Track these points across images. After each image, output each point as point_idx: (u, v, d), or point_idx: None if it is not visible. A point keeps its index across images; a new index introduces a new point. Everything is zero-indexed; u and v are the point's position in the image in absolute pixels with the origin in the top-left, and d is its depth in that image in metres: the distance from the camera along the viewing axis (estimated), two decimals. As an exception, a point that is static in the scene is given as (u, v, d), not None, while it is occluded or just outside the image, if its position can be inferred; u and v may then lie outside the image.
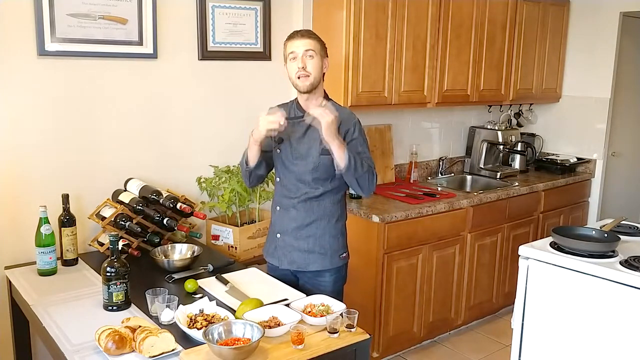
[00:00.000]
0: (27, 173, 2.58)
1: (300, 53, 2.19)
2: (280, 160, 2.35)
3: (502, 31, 3.99)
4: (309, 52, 2.20)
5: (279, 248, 2.40)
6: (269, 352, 1.75)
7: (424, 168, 4.17)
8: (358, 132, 2.29)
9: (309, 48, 2.20)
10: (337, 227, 2.37)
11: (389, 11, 3.29)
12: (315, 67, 2.21)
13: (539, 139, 4.73)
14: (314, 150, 2.26)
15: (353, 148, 2.22)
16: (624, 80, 4.46)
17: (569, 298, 2.34)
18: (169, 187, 2.89)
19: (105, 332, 1.76)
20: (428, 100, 3.63)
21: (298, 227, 2.33)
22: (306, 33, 2.24)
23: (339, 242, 2.39)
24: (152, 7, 2.79)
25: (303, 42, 2.20)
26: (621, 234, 2.56)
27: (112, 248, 2.03)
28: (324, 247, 2.34)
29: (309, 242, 2.33)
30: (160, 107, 2.93)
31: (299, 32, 2.24)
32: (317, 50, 2.22)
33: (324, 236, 2.34)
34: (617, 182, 4.67)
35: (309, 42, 2.21)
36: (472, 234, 3.62)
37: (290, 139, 2.31)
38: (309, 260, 2.34)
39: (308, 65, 2.20)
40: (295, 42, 2.22)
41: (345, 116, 2.28)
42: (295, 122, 2.28)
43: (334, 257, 2.36)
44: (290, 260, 2.37)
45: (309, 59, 2.20)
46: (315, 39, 2.23)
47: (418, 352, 3.53)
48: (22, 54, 2.50)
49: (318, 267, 2.34)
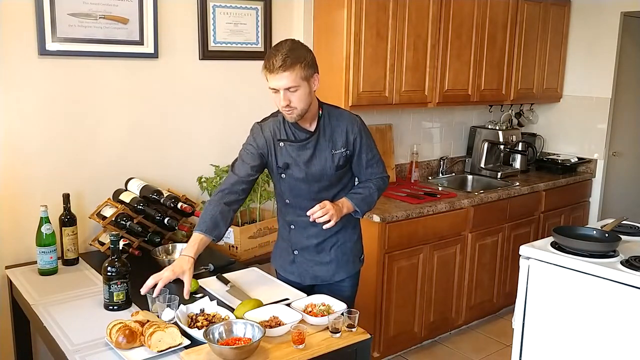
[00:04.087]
0: (27, 173, 2.59)
1: (282, 90, 1.98)
2: (288, 185, 2.21)
3: (503, 31, 3.99)
4: (290, 88, 1.97)
5: (298, 264, 2.32)
6: (269, 351, 1.75)
7: (425, 168, 4.17)
8: (364, 137, 2.21)
9: (290, 85, 1.96)
10: (355, 232, 2.35)
11: (390, 11, 3.29)
12: (300, 99, 2.00)
13: (539, 138, 4.73)
14: (328, 169, 2.17)
15: (362, 157, 2.22)
16: (624, 80, 4.45)
17: (570, 298, 2.33)
18: (170, 187, 2.89)
19: (116, 327, 1.78)
20: (429, 100, 3.63)
21: (319, 243, 2.27)
22: (283, 65, 1.93)
23: (359, 245, 2.37)
24: (153, 7, 2.79)
25: (282, 78, 1.95)
26: (622, 234, 2.56)
27: (113, 248, 2.03)
28: (346, 254, 2.30)
29: (332, 253, 2.28)
30: (161, 106, 2.93)
31: (276, 64, 1.93)
32: (301, 79, 1.97)
33: (346, 243, 2.30)
34: (618, 182, 4.67)
35: (288, 76, 1.94)
36: (472, 234, 3.62)
37: (299, 163, 2.16)
38: (332, 271, 2.29)
39: (292, 101, 2.00)
40: (274, 78, 1.96)
41: (348, 122, 2.18)
42: (299, 145, 2.15)
43: (355, 262, 2.34)
44: (313, 276, 2.30)
45: (292, 94, 1.99)
46: (295, 67, 1.95)
47: (419, 352, 3.53)
48: (23, 54, 2.50)
49: (342, 276, 2.30)
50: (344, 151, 2.18)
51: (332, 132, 2.17)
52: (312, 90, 2.06)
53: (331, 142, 2.17)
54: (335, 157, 2.17)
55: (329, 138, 2.17)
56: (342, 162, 2.19)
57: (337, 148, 2.17)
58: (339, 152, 2.18)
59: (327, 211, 2.06)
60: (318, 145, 2.16)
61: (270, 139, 2.17)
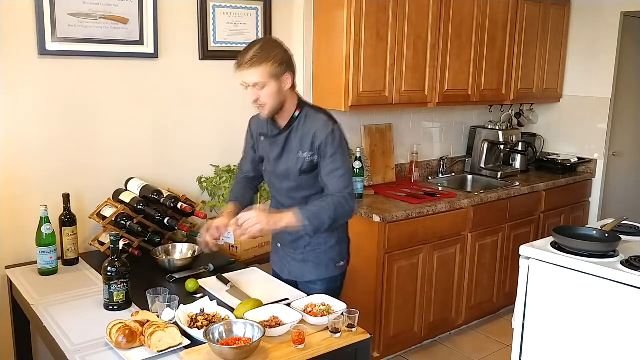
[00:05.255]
0: (28, 173, 2.59)
1: (250, 85, 2.03)
2: (267, 177, 2.33)
3: (503, 31, 3.99)
4: (258, 84, 2.01)
5: (281, 257, 2.39)
6: (269, 351, 1.75)
7: (425, 168, 4.17)
8: (331, 146, 2.09)
9: (257, 81, 2.00)
10: (332, 237, 2.27)
11: (390, 11, 3.29)
12: (269, 96, 2.04)
13: (539, 138, 4.73)
14: (293, 171, 2.17)
15: (323, 166, 2.11)
16: (624, 80, 4.45)
17: (570, 298, 2.33)
18: (170, 187, 2.89)
19: (116, 327, 1.78)
20: (429, 100, 3.63)
21: (294, 240, 2.28)
22: (250, 60, 1.99)
23: (336, 250, 2.30)
24: (153, 7, 2.79)
25: (249, 73, 2.00)
26: (622, 234, 2.56)
27: (112, 248, 2.03)
28: (318, 256, 2.28)
29: (305, 253, 2.28)
30: (161, 106, 2.93)
31: (244, 59, 2.00)
32: (268, 76, 2.00)
33: (320, 247, 2.27)
34: (618, 182, 4.67)
35: (255, 72, 1.99)
36: (472, 234, 3.62)
37: (270, 158, 2.23)
38: (304, 270, 2.30)
39: (261, 97, 2.04)
40: (241, 73, 2.02)
41: (319, 127, 2.11)
42: (271, 140, 2.21)
43: (330, 266, 2.29)
44: (289, 271, 2.35)
45: (260, 90, 2.03)
46: (263, 64, 1.99)
47: (419, 351, 3.53)
48: (23, 54, 2.50)
49: (312, 277, 2.29)
50: (310, 156, 2.13)
51: (303, 135, 2.14)
52: (283, 89, 2.07)
53: (300, 144, 2.14)
54: (299, 160, 2.15)
55: (299, 140, 2.14)
56: (306, 167, 2.14)
57: (304, 151, 2.13)
58: (304, 155, 2.13)
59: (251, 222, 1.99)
60: (288, 144, 2.17)
61: (255, 131, 2.33)
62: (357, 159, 3.42)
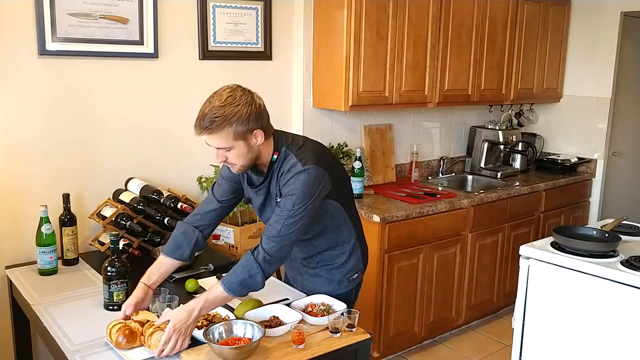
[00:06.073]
0: (27, 172, 2.59)
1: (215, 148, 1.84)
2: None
3: (503, 31, 3.98)
4: (221, 150, 1.82)
5: (293, 268, 2.29)
6: (269, 351, 1.75)
7: (425, 168, 4.17)
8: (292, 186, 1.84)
9: (220, 147, 1.81)
10: (344, 250, 2.12)
11: (390, 11, 3.29)
12: (237, 157, 1.83)
13: (539, 138, 4.73)
14: None
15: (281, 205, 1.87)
16: (624, 80, 4.45)
17: (570, 298, 2.33)
18: (170, 187, 2.89)
19: (116, 327, 1.78)
20: (429, 100, 3.63)
21: (305, 258, 2.19)
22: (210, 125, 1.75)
23: (349, 264, 2.14)
24: (153, 7, 2.79)
25: (209, 139, 1.80)
26: (622, 234, 2.56)
27: (112, 247, 2.03)
28: (331, 272, 2.14)
29: (317, 268, 2.17)
30: (161, 106, 2.93)
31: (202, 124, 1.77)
32: (233, 139, 1.78)
33: (333, 261, 2.13)
34: (618, 182, 4.67)
35: (217, 138, 1.78)
36: (472, 234, 3.62)
37: (256, 206, 2.07)
38: (315, 284, 2.18)
39: (229, 158, 1.85)
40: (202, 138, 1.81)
41: (290, 168, 1.87)
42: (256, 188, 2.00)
43: (342, 283, 2.15)
44: (301, 284, 2.25)
45: (227, 152, 1.83)
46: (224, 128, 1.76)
47: (419, 351, 3.53)
48: (23, 54, 2.51)
49: (324, 292, 2.15)
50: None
51: (278, 179, 1.93)
52: (253, 146, 1.84)
53: (278, 190, 1.93)
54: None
55: (276, 184, 1.94)
56: None
57: (280, 196, 1.92)
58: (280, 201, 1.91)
59: (165, 343, 1.72)
60: (269, 192, 1.98)
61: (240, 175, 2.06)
62: (357, 159, 3.42)
